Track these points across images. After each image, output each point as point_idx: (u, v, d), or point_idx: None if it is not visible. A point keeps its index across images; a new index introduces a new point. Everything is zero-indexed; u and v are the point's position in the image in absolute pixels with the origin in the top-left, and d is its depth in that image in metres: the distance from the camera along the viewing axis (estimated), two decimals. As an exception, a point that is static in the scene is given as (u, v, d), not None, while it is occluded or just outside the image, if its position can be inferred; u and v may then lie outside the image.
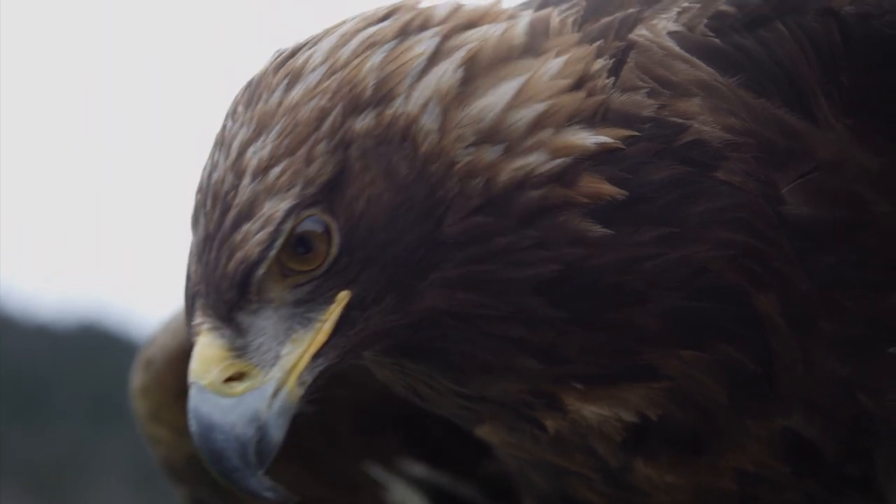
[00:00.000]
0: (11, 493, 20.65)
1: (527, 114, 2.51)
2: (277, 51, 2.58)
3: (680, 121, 2.52)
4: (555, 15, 2.62)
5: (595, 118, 2.51)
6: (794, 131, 2.53)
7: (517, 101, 2.51)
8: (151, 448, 3.47)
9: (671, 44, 2.56)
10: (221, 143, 2.51)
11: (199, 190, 2.51)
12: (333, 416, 3.33)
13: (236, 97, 2.56)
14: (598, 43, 2.57)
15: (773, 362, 2.56)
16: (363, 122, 2.48)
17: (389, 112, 2.49)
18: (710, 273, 2.52)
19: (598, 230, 2.50)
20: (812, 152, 2.53)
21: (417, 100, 2.49)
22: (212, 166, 2.50)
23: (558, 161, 2.50)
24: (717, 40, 2.55)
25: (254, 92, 2.52)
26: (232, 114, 2.53)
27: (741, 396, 2.58)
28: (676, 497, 2.71)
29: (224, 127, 2.52)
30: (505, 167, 2.49)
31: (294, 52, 2.55)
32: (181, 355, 3.15)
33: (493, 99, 2.51)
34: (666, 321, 2.53)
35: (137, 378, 3.41)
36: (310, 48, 2.54)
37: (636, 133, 2.51)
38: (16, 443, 20.94)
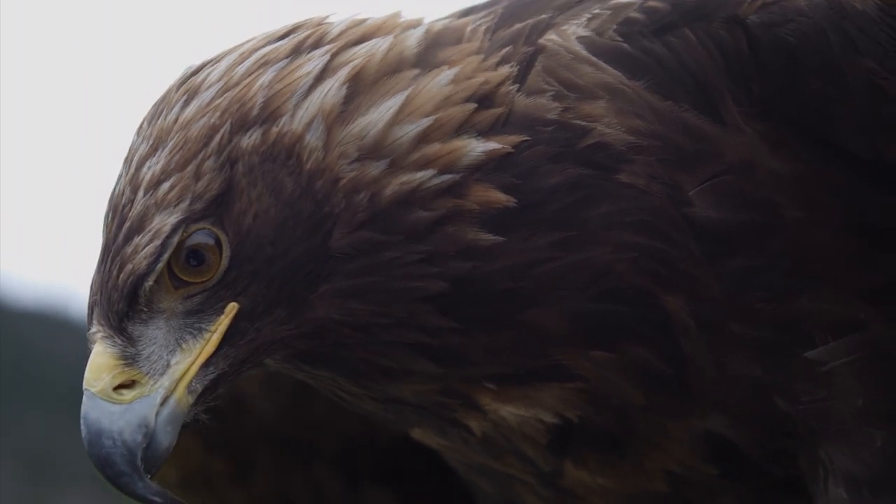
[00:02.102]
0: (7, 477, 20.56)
1: (411, 129, 2.54)
2: (187, 67, 2.63)
3: (584, 123, 2.53)
4: (471, 23, 2.64)
5: (493, 128, 2.53)
6: (701, 134, 2.52)
7: (401, 116, 2.54)
8: None
9: (579, 48, 2.57)
10: (126, 157, 2.58)
11: (107, 202, 2.58)
12: (320, 472, 3.33)
13: (146, 113, 2.61)
14: (506, 49, 2.59)
15: (684, 364, 2.55)
16: (249, 140, 2.53)
17: (275, 130, 2.54)
18: (613, 275, 2.53)
19: (489, 238, 2.52)
20: (721, 155, 2.52)
21: (302, 118, 2.54)
22: (116, 179, 2.57)
23: (446, 177, 2.52)
24: (625, 45, 2.55)
25: (157, 108, 2.59)
26: (138, 129, 2.60)
27: (657, 398, 2.58)
28: (612, 500, 2.71)
29: (131, 141, 2.59)
30: (390, 182, 2.53)
31: (198, 70, 2.61)
32: None
33: (376, 116, 2.55)
34: (571, 323, 2.54)
35: None
36: (212, 65, 2.60)
37: (530, 138, 2.52)
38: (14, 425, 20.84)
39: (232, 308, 2.53)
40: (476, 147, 2.53)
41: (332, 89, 2.56)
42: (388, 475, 3.33)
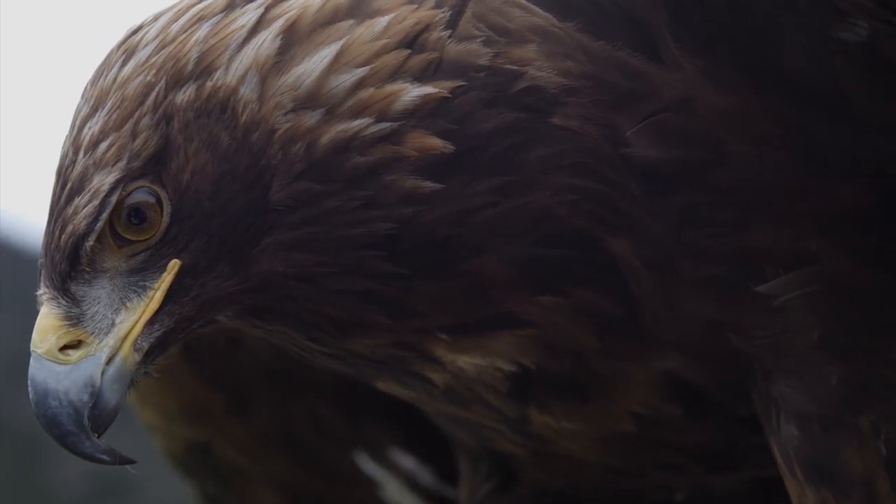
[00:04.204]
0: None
1: (346, 78, 2.53)
2: (129, 27, 2.64)
3: (515, 68, 2.52)
4: None
5: (425, 73, 2.53)
6: (637, 73, 2.50)
7: (336, 65, 2.53)
8: (153, 439, 3.49)
9: None
10: (72, 119, 2.59)
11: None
12: (320, 408, 3.35)
13: (90, 75, 2.63)
14: None
15: (635, 305, 2.54)
16: (184, 96, 2.53)
17: (209, 84, 2.53)
18: (555, 219, 2.51)
19: (428, 186, 2.51)
20: (658, 93, 2.50)
21: (237, 71, 2.54)
22: (62, 142, 2.59)
23: (383, 125, 2.51)
24: None
25: (99, 69, 2.61)
26: (83, 91, 2.61)
27: (611, 341, 2.57)
28: (583, 443, 2.71)
29: (77, 104, 2.60)
30: (326, 131, 2.52)
31: (137, 29, 2.62)
32: None
33: (310, 65, 2.54)
34: (516, 269, 2.53)
35: None
36: (150, 24, 2.61)
37: (465, 83, 2.51)
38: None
39: (174, 265, 2.54)
40: (411, 91, 2.53)
41: (266, 41, 2.55)
42: (389, 410, 3.34)
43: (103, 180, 2.52)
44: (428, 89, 2.52)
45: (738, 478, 2.82)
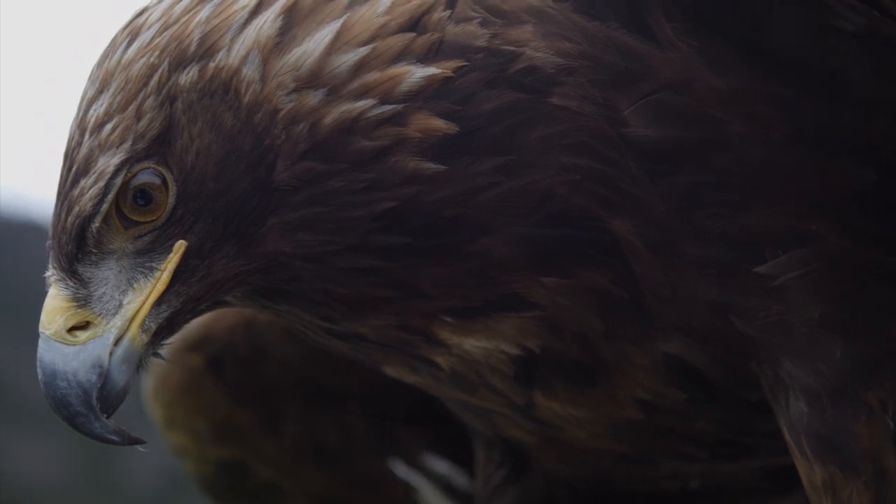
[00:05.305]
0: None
1: (348, 57, 2.54)
2: (137, 9, 2.66)
3: (512, 48, 2.53)
4: None
5: (428, 54, 2.53)
6: (633, 53, 2.51)
7: (337, 44, 2.54)
8: (182, 464, 3.49)
9: None
10: (79, 101, 2.61)
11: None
12: (350, 415, 3.36)
13: (96, 57, 2.65)
14: None
15: (637, 287, 2.54)
16: (187, 77, 2.55)
17: (212, 65, 2.55)
18: (557, 199, 2.52)
19: (431, 167, 2.52)
20: (655, 73, 2.50)
21: (238, 52, 2.55)
22: (70, 124, 2.60)
23: (387, 107, 2.52)
24: None
25: (105, 51, 2.62)
26: (89, 73, 2.63)
27: (615, 323, 2.57)
28: (590, 430, 2.71)
29: (83, 86, 2.63)
30: (329, 111, 2.53)
31: (141, 11, 2.63)
32: (184, 348, 3.28)
33: (311, 45, 2.55)
34: (520, 249, 2.54)
35: (148, 384, 3.44)
36: (154, 6, 2.62)
37: (466, 63, 2.52)
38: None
39: (180, 246, 2.55)
40: (415, 73, 2.53)
41: (267, 21, 2.56)
42: (418, 416, 3.34)
43: (108, 162, 2.53)
44: (432, 70, 2.53)
45: (750, 466, 2.81)
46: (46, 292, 2.59)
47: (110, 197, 2.54)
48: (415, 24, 2.56)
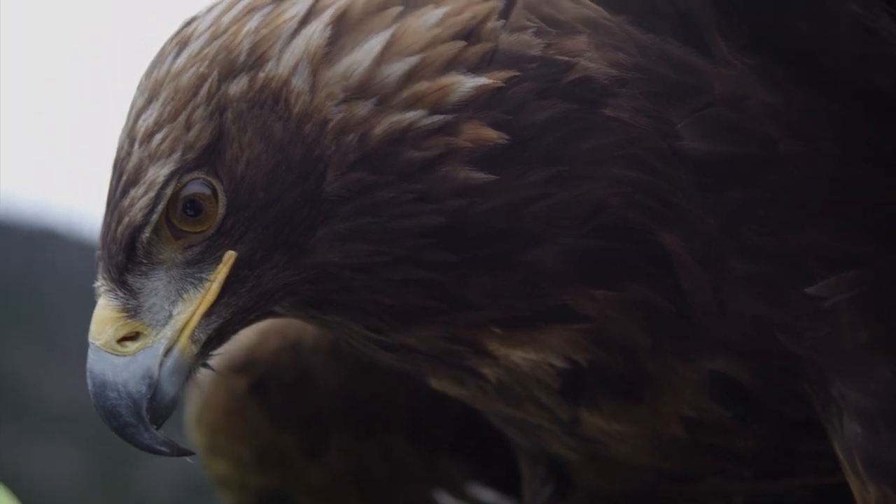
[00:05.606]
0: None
1: (398, 67, 2.52)
2: (186, 18, 2.65)
3: (566, 59, 2.51)
4: None
5: (481, 64, 2.52)
6: (686, 66, 2.49)
7: (387, 55, 2.53)
8: (222, 497, 3.45)
9: None
10: (128, 111, 2.60)
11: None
12: (394, 442, 3.32)
13: (146, 67, 2.65)
14: None
15: (686, 302, 2.52)
16: (237, 87, 2.54)
17: (262, 75, 2.54)
18: (608, 210, 2.50)
19: (481, 177, 2.50)
20: (708, 87, 2.49)
21: (288, 61, 2.54)
22: (119, 134, 2.60)
23: (437, 117, 2.50)
24: None
25: (154, 61, 2.62)
26: (138, 83, 2.62)
27: (662, 338, 2.55)
28: (634, 446, 2.69)
29: (133, 95, 2.62)
30: (379, 121, 2.51)
31: (190, 20, 2.63)
32: (228, 371, 3.25)
33: (360, 55, 2.53)
34: (570, 260, 2.52)
35: (191, 407, 3.43)
36: (203, 15, 2.62)
37: (518, 73, 2.51)
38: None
39: (230, 256, 2.54)
40: (466, 83, 2.51)
41: (316, 31, 2.54)
42: (462, 444, 3.30)
43: (158, 172, 2.52)
44: (483, 80, 2.51)
45: (794, 485, 2.77)
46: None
47: (160, 207, 2.52)
48: (467, 34, 2.54)
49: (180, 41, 2.59)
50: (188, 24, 2.62)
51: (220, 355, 3.24)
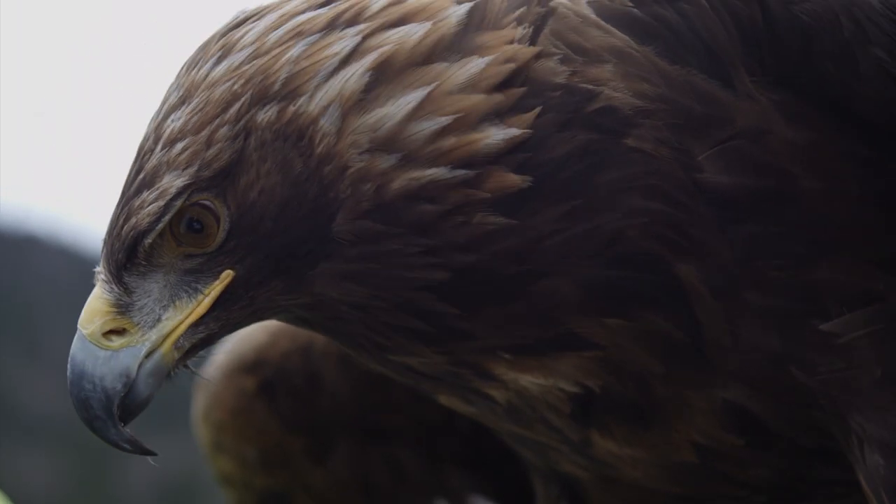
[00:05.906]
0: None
1: (428, 126, 2.50)
2: (239, 12, 2.63)
3: (591, 87, 2.50)
4: None
5: (512, 107, 2.50)
6: (711, 98, 2.48)
7: (419, 112, 2.51)
8: (224, 493, 3.46)
9: (588, 11, 2.53)
10: (164, 97, 2.59)
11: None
12: (400, 453, 3.32)
13: (190, 55, 2.62)
14: (520, 10, 2.55)
15: (699, 332, 2.51)
16: (266, 115, 2.52)
17: (292, 109, 2.52)
18: (625, 241, 2.49)
19: (500, 221, 2.49)
20: (731, 120, 2.48)
21: (320, 101, 2.52)
22: (151, 118, 2.59)
23: (461, 171, 2.49)
24: (635, 9, 2.52)
25: (196, 56, 2.60)
26: (178, 71, 2.61)
27: (675, 366, 2.54)
28: (646, 471, 2.68)
29: (172, 81, 2.61)
30: (399, 176, 2.50)
31: (240, 23, 2.60)
32: (237, 370, 3.26)
33: (394, 109, 2.51)
34: (584, 290, 2.50)
35: (198, 404, 3.42)
36: (252, 22, 2.59)
37: (542, 104, 2.49)
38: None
39: (227, 275, 2.54)
40: (495, 135, 2.49)
41: (354, 75, 2.52)
42: (469, 457, 3.30)
43: (172, 182, 2.52)
44: (513, 131, 2.49)
45: None
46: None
47: (167, 218, 2.52)
48: (507, 83, 2.51)
49: (224, 46, 2.57)
50: (237, 25, 2.60)
51: (230, 354, 3.27)
